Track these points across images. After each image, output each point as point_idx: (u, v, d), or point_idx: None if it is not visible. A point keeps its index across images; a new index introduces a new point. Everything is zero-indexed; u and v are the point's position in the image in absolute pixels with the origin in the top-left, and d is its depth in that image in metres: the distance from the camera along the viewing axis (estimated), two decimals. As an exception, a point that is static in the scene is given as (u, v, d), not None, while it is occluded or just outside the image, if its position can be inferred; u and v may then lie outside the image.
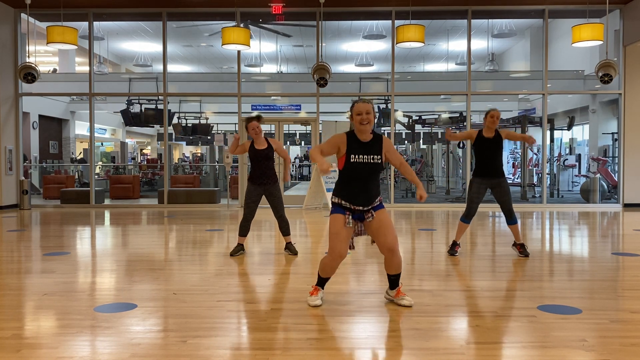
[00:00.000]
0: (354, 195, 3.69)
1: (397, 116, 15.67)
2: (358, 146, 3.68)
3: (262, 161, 5.68)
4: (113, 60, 19.65)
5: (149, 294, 4.23)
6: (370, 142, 3.72)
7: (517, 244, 5.79)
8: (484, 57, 17.69)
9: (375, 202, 3.76)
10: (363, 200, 3.70)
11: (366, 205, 3.72)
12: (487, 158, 5.58)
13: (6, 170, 11.44)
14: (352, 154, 3.65)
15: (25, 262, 5.62)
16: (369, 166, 3.66)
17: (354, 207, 3.71)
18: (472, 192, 5.65)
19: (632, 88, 11.44)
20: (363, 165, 3.65)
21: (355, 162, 3.65)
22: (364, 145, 3.69)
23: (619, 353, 2.94)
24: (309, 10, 11.55)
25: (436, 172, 18.94)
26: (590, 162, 14.65)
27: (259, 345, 3.10)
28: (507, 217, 5.65)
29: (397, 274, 3.89)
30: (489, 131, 5.56)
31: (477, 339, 3.20)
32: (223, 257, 5.80)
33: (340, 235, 3.69)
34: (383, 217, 3.76)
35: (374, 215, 3.74)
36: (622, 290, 4.35)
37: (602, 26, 9.17)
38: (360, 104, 3.68)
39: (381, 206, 3.81)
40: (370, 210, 3.74)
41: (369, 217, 3.73)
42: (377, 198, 3.78)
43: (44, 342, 3.14)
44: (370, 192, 3.71)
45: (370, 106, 3.69)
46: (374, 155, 3.68)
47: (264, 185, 5.73)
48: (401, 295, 3.92)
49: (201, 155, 24.57)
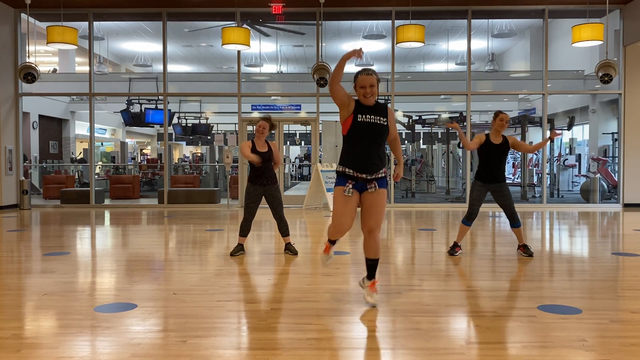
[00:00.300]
0: (359, 161, 3.63)
1: (397, 116, 15.68)
2: (364, 108, 3.67)
3: (262, 162, 5.70)
4: (113, 60, 19.65)
5: (149, 294, 4.23)
6: (376, 106, 3.71)
7: (520, 245, 5.79)
8: (484, 57, 17.68)
9: (380, 173, 3.69)
10: (367, 167, 3.63)
11: (370, 172, 3.65)
12: (491, 164, 5.59)
13: (6, 170, 11.44)
14: (359, 113, 3.62)
15: (25, 262, 5.62)
16: (375, 127, 3.63)
17: (357, 175, 3.64)
18: (474, 195, 5.65)
19: (632, 88, 11.44)
20: (370, 125, 3.62)
21: (362, 121, 3.61)
22: (370, 107, 3.68)
23: (619, 353, 2.94)
24: (309, 10, 11.55)
25: (436, 172, 18.94)
26: (590, 162, 14.65)
27: (259, 345, 3.10)
28: (511, 220, 5.66)
29: (374, 260, 3.84)
30: (497, 136, 5.56)
31: (477, 339, 3.20)
32: (223, 257, 5.80)
33: (344, 214, 3.66)
34: (378, 198, 3.69)
35: (377, 188, 3.67)
36: (622, 290, 4.36)
37: (602, 26, 9.18)
38: (363, 76, 3.63)
39: (383, 184, 3.73)
40: (373, 180, 3.67)
41: (371, 188, 3.66)
42: (382, 168, 3.70)
43: (44, 342, 3.14)
44: (375, 157, 3.64)
45: (374, 79, 3.64)
46: (380, 117, 3.66)
47: (263, 185, 5.76)
48: (372, 290, 3.85)
49: (201, 155, 24.56)
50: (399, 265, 5.46)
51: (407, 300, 4.04)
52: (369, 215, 3.71)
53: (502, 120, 5.52)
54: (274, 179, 5.81)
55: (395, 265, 5.43)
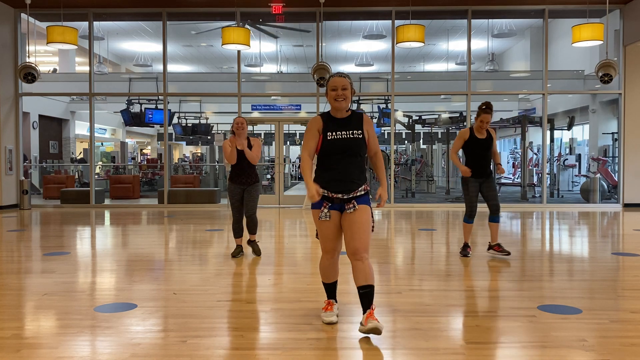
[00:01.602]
0: (332, 180, 3.26)
1: (397, 116, 15.67)
2: (334, 124, 3.31)
3: (242, 161, 5.66)
4: (113, 60, 19.65)
5: (149, 294, 4.23)
6: (348, 118, 3.34)
7: (493, 245, 5.70)
8: (484, 57, 17.69)
9: (359, 191, 3.29)
10: (342, 186, 3.25)
11: (346, 192, 3.26)
12: (478, 158, 5.57)
13: (6, 170, 11.44)
14: (328, 131, 3.27)
15: (25, 262, 5.62)
16: (348, 142, 3.25)
17: (332, 195, 3.27)
18: (470, 191, 5.63)
19: (632, 88, 11.44)
20: (341, 142, 3.25)
21: (333, 138, 3.25)
22: (340, 121, 3.32)
23: (619, 353, 2.94)
24: (309, 10, 11.55)
25: (436, 172, 18.94)
26: (590, 162, 14.65)
27: (259, 345, 3.10)
28: (493, 213, 5.63)
29: (366, 287, 3.22)
30: (481, 131, 5.54)
31: (477, 339, 3.20)
32: (223, 257, 5.80)
33: (327, 239, 3.35)
34: (359, 215, 3.25)
35: (357, 207, 3.25)
36: (622, 290, 4.35)
37: (602, 26, 9.18)
38: (335, 77, 3.29)
39: (365, 200, 3.32)
40: (352, 200, 3.27)
41: (349, 208, 3.25)
42: (361, 186, 3.30)
43: (44, 342, 3.14)
44: (350, 175, 3.26)
45: (346, 81, 3.29)
46: (353, 130, 3.29)
47: (243, 185, 5.71)
48: (373, 319, 3.14)
49: (201, 155, 24.55)
50: (399, 265, 5.46)
51: (407, 300, 4.04)
52: (351, 236, 3.25)
53: (482, 122, 5.44)
54: (255, 177, 5.74)
55: (395, 265, 5.43)
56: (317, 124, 3.31)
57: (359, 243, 3.23)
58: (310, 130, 3.32)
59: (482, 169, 5.58)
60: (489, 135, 5.56)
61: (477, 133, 5.54)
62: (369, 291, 3.22)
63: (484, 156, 5.57)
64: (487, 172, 5.61)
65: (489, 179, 5.63)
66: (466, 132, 5.57)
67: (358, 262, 3.24)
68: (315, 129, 3.30)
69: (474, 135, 5.53)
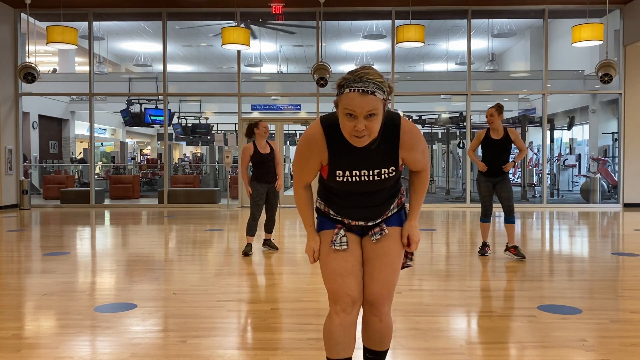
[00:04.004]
0: (347, 209, 2.14)
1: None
2: (347, 152, 1.98)
3: (267, 162, 5.91)
4: (113, 60, 19.65)
5: (149, 294, 4.23)
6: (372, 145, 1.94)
7: (509, 247, 5.68)
8: (484, 57, 17.68)
9: (390, 211, 2.18)
10: (364, 216, 2.14)
11: (372, 219, 2.16)
12: (492, 158, 5.60)
13: (6, 170, 11.44)
14: (337, 169, 2.02)
15: (25, 262, 5.62)
16: (370, 185, 2.05)
17: (350, 222, 2.16)
18: (482, 190, 5.68)
19: (632, 88, 11.44)
20: (359, 184, 2.04)
21: (344, 181, 2.04)
22: (359, 151, 1.96)
23: (619, 353, 2.94)
24: (309, 10, 11.55)
25: (436, 172, 18.94)
26: (590, 162, 14.65)
27: (259, 345, 3.10)
28: (507, 214, 5.65)
29: (379, 353, 2.26)
30: (495, 131, 5.58)
31: (477, 339, 3.20)
32: (223, 257, 5.80)
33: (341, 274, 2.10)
34: (387, 244, 2.15)
35: (386, 230, 2.15)
36: (622, 290, 4.35)
37: (602, 26, 9.17)
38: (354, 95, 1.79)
39: (397, 218, 2.20)
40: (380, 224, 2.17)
41: (374, 235, 2.15)
42: (392, 204, 2.17)
43: (44, 342, 3.14)
44: (375, 202, 2.12)
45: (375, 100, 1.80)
46: (381, 169, 2.01)
47: (269, 183, 5.96)
48: None
49: (201, 155, 24.56)
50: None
51: (407, 300, 4.04)
52: (370, 275, 2.14)
53: (487, 117, 5.56)
54: (275, 177, 6.01)
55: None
56: (317, 150, 2.01)
57: (380, 287, 2.12)
58: (306, 157, 2.06)
59: (496, 169, 5.61)
60: (507, 136, 5.57)
61: (492, 133, 5.58)
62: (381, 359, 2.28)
63: (499, 156, 5.59)
64: (500, 172, 5.62)
65: (504, 180, 5.64)
66: (482, 132, 5.64)
67: (374, 318, 2.16)
68: (314, 158, 2.04)
69: (489, 135, 5.59)
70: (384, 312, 2.15)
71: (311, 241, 2.19)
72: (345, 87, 1.83)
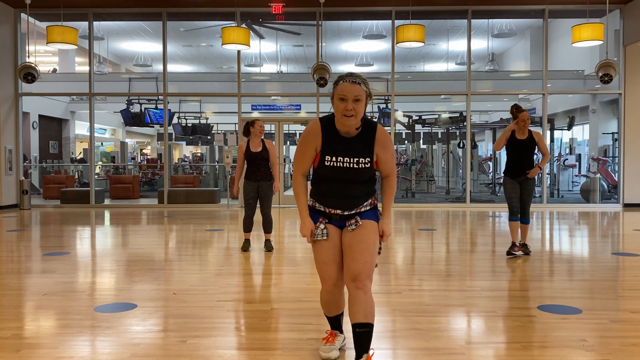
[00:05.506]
0: (330, 198, 2.68)
1: (397, 116, 15.67)
2: (337, 142, 2.59)
3: (257, 161, 5.98)
4: (113, 60, 19.64)
5: (149, 294, 4.23)
6: (356, 138, 2.59)
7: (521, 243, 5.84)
8: (484, 57, 17.68)
9: (363, 206, 2.69)
10: (342, 204, 2.66)
11: (347, 209, 2.67)
12: (516, 159, 5.66)
13: (6, 170, 11.44)
14: (327, 155, 2.59)
15: (25, 262, 5.62)
16: (350, 172, 2.60)
17: (330, 211, 2.69)
18: (508, 190, 5.75)
19: (632, 88, 11.44)
20: (342, 171, 2.60)
21: (332, 166, 2.59)
22: (345, 142, 2.59)
23: (619, 353, 2.94)
24: (309, 10, 11.56)
25: (436, 172, 18.94)
26: (590, 162, 14.65)
27: (259, 345, 3.10)
28: (522, 216, 5.78)
29: (365, 326, 2.56)
30: (521, 132, 5.61)
31: (477, 339, 3.20)
32: (223, 257, 5.80)
33: (324, 262, 2.69)
34: (363, 232, 2.64)
35: (360, 222, 2.65)
36: (622, 290, 4.35)
37: (602, 26, 9.17)
38: (346, 84, 2.47)
39: (372, 214, 2.72)
40: (355, 216, 2.68)
41: (351, 225, 2.65)
42: (366, 200, 2.70)
43: (44, 342, 3.14)
44: (353, 194, 2.66)
45: (361, 89, 2.47)
46: (359, 159, 2.58)
47: (257, 181, 6.00)
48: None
49: (201, 155, 24.56)
50: (399, 265, 5.46)
51: (407, 300, 4.04)
52: (352, 258, 2.60)
53: (523, 122, 5.53)
54: (268, 176, 6.05)
55: (395, 265, 5.43)
56: (315, 140, 2.62)
57: (361, 266, 2.58)
58: (305, 145, 2.65)
59: (517, 170, 5.67)
60: (531, 137, 5.61)
61: (518, 134, 5.61)
62: (367, 331, 2.56)
63: (523, 156, 5.64)
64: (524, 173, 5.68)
65: (528, 181, 5.72)
66: (508, 132, 5.64)
67: (358, 291, 2.56)
68: (312, 146, 2.63)
69: (514, 136, 5.63)
70: (367, 286, 2.59)
71: (306, 223, 2.71)
72: (339, 80, 2.52)
